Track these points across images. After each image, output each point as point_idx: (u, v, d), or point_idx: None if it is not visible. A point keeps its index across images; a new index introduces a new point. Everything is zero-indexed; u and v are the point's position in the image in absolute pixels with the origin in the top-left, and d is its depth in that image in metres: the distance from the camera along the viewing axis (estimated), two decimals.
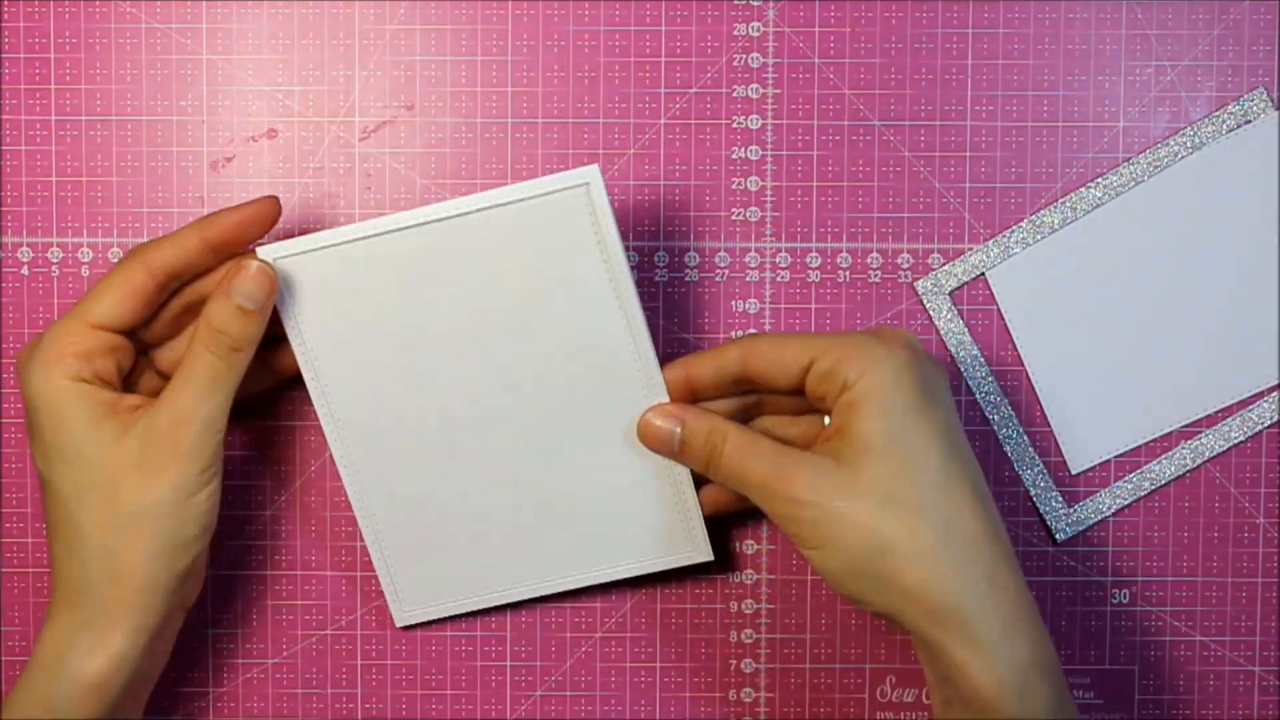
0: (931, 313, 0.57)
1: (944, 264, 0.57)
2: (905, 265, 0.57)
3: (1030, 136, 0.57)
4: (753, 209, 0.57)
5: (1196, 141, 0.57)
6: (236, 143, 0.57)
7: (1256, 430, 0.57)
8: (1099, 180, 0.57)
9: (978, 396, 0.57)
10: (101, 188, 0.57)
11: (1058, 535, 0.57)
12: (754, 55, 0.57)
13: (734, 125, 0.57)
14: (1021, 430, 0.57)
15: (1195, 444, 0.57)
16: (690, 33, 0.57)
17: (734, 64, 0.57)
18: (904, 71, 0.57)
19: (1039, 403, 0.57)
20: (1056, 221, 0.57)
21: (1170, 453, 0.57)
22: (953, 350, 0.57)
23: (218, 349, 0.51)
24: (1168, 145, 0.57)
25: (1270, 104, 0.56)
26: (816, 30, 0.57)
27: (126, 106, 0.57)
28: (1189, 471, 0.57)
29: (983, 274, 0.57)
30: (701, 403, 0.53)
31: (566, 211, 0.52)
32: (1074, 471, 0.57)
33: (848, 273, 0.57)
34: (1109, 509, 0.57)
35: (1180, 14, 0.57)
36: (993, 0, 0.57)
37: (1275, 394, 0.57)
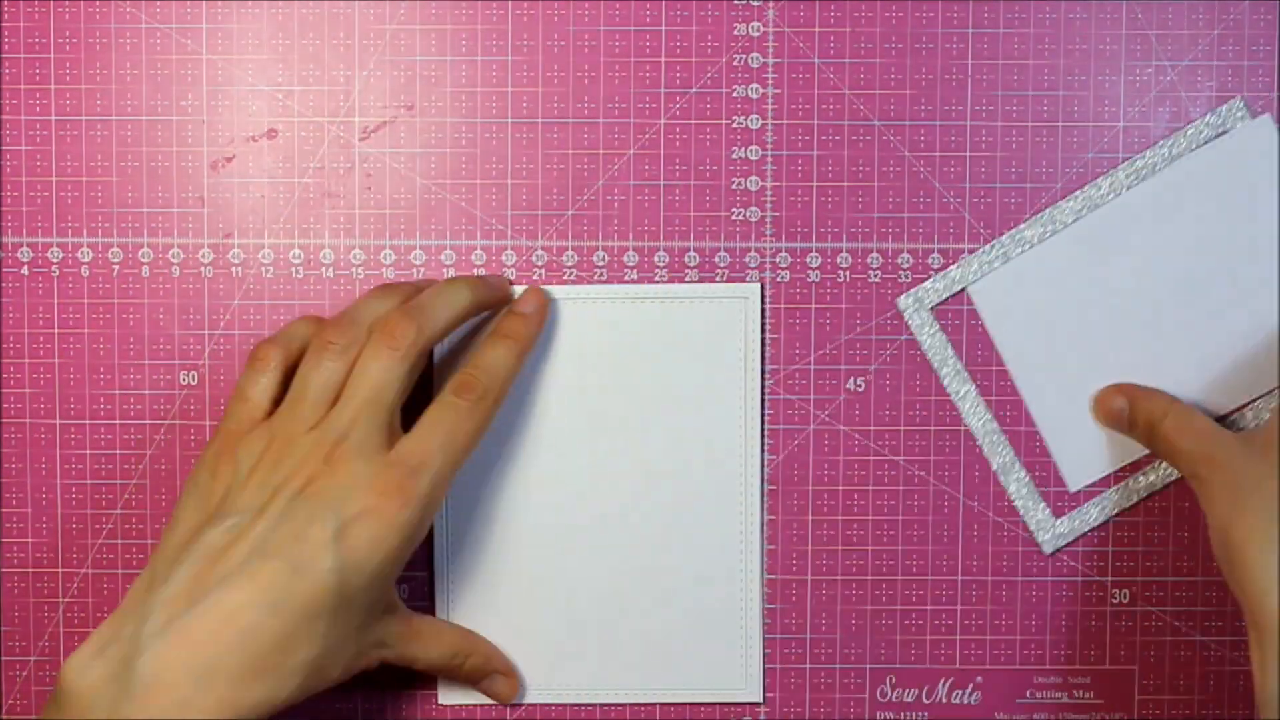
0: (914, 329, 0.57)
1: (930, 275, 0.57)
2: (905, 265, 0.57)
3: (1030, 136, 0.57)
4: (753, 209, 0.57)
5: (1174, 153, 0.56)
6: (236, 143, 0.57)
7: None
8: (1077, 193, 0.57)
9: (963, 411, 0.57)
10: (101, 188, 0.57)
11: (1044, 549, 0.57)
12: (754, 55, 0.57)
13: (734, 125, 0.57)
14: (1009, 447, 0.57)
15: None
16: (690, 33, 0.57)
17: (734, 64, 0.57)
18: (904, 71, 0.57)
19: (1032, 422, 0.57)
20: (1035, 236, 0.57)
21: (1156, 463, 0.57)
22: (936, 367, 0.57)
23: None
24: (1144, 157, 0.56)
25: (1246, 113, 0.56)
26: (816, 30, 0.57)
27: (126, 106, 0.57)
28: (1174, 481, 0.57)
29: (964, 289, 0.57)
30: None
31: (725, 320, 0.56)
32: (1072, 489, 0.57)
33: (848, 273, 0.57)
34: (1095, 520, 0.57)
35: (1180, 14, 0.57)
36: (993, 0, 0.57)
37: (1268, 397, 0.57)
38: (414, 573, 0.58)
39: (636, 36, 0.57)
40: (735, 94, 0.57)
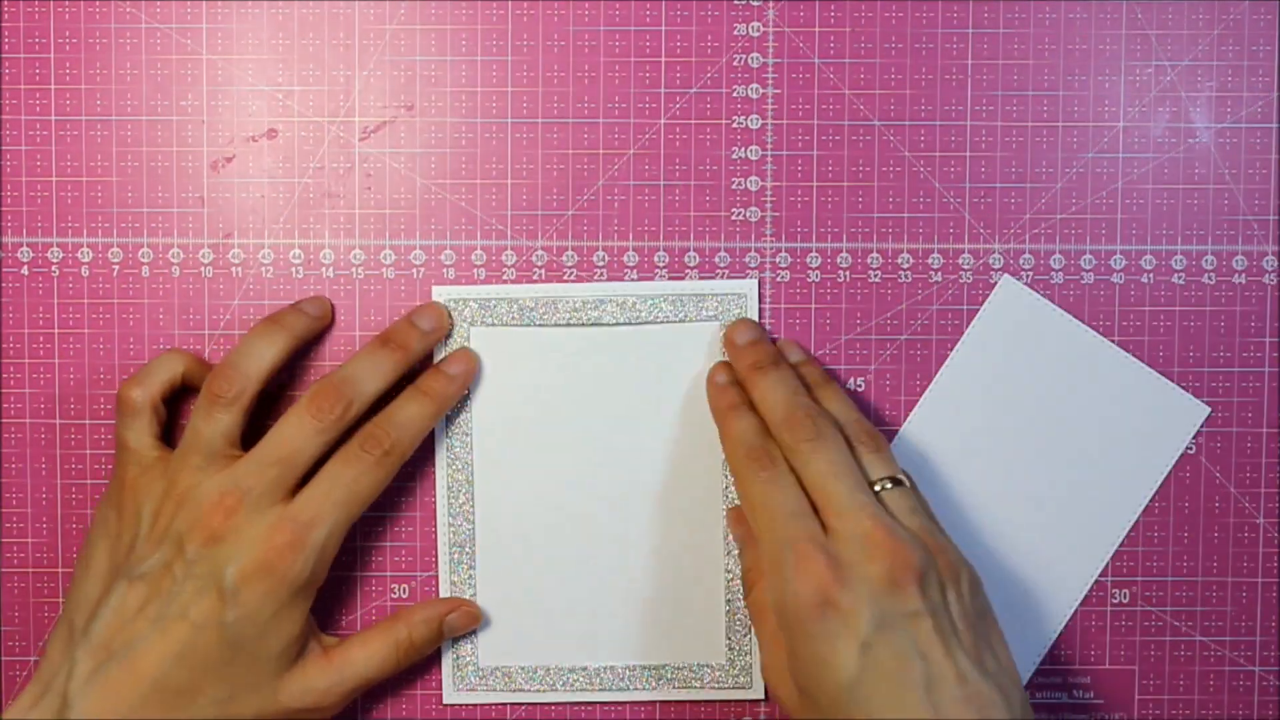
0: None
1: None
2: (905, 265, 0.57)
3: (1030, 136, 0.57)
4: (753, 209, 0.57)
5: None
6: (236, 143, 0.57)
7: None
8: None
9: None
10: (101, 188, 0.57)
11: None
12: (754, 55, 0.57)
13: (734, 125, 0.57)
14: None
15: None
16: (690, 33, 0.57)
17: (734, 64, 0.57)
18: (904, 71, 0.57)
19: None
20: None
21: None
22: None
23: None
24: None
25: (1021, 287, 0.56)
26: (816, 30, 0.57)
27: (126, 106, 0.57)
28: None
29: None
30: None
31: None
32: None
33: (848, 273, 0.57)
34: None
35: (1180, 14, 0.57)
36: (993, 0, 0.57)
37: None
38: (418, 573, 0.58)
39: (636, 36, 0.57)
40: (735, 94, 0.57)
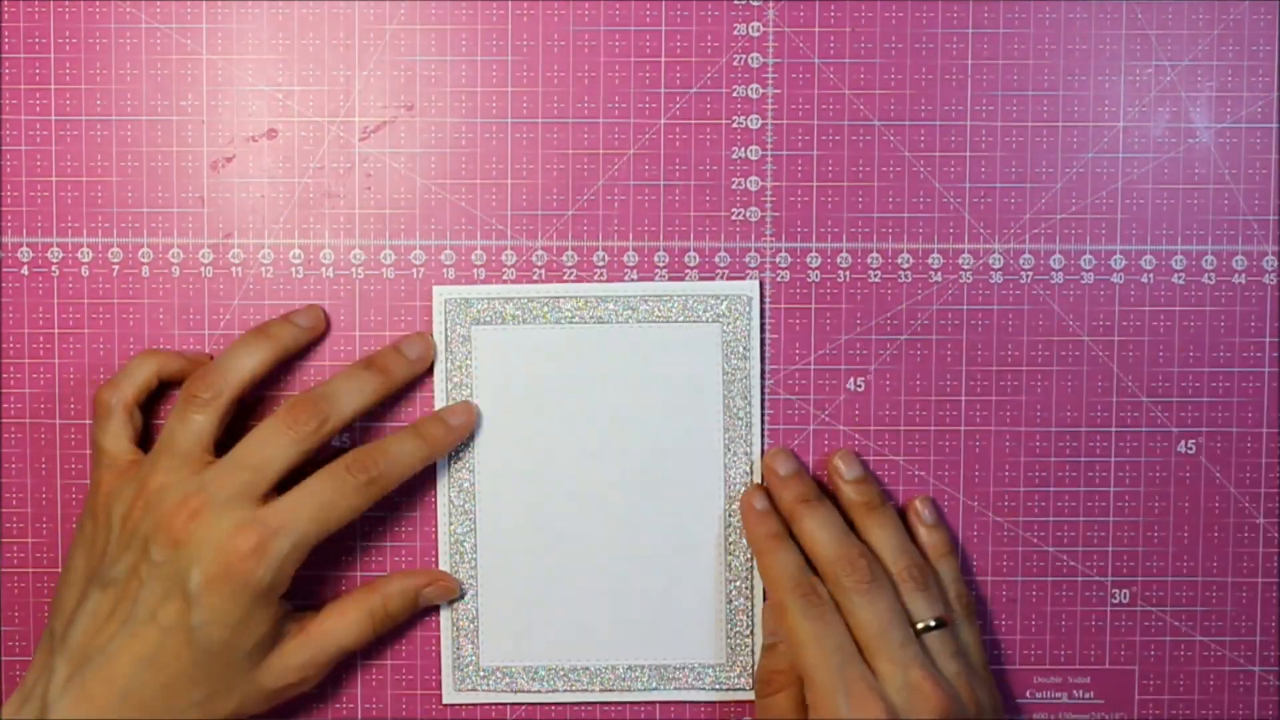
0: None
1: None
2: (905, 265, 0.57)
3: (1030, 136, 0.57)
4: (753, 209, 0.57)
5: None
6: (236, 143, 0.57)
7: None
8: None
9: None
10: (101, 188, 0.57)
11: None
12: (754, 55, 0.57)
13: (734, 125, 0.57)
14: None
15: None
16: (690, 33, 0.57)
17: (734, 64, 0.57)
18: (904, 71, 0.57)
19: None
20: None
21: None
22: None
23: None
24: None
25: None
26: (816, 30, 0.57)
27: (126, 106, 0.57)
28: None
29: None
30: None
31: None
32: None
33: (848, 273, 0.57)
34: None
35: (1180, 14, 0.57)
36: (993, 0, 0.57)
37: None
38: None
39: (636, 36, 0.57)
40: (735, 94, 0.57)
